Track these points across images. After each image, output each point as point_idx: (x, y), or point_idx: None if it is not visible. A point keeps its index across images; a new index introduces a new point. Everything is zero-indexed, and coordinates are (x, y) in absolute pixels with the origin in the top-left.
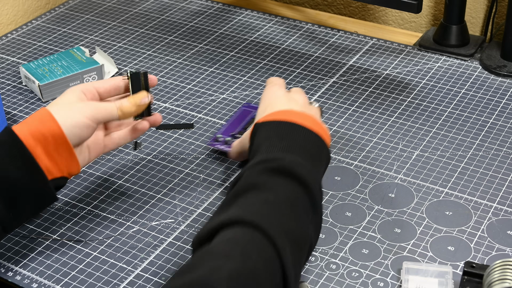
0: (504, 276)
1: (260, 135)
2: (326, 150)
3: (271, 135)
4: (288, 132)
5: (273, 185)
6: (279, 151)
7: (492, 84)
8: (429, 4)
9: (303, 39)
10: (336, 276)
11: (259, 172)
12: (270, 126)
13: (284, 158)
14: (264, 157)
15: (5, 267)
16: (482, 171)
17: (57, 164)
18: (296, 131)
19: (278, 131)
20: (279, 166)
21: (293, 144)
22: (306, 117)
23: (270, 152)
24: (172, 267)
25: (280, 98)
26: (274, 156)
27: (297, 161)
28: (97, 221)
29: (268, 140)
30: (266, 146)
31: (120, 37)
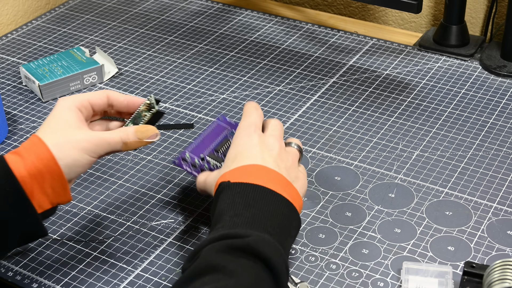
0: (504, 276)
1: (224, 199)
2: (297, 217)
3: (237, 201)
4: (255, 199)
5: (235, 268)
6: (244, 224)
7: (492, 84)
8: (429, 4)
9: (303, 39)
10: (336, 276)
11: (220, 250)
12: (237, 190)
13: (249, 234)
14: (227, 232)
15: (5, 267)
16: (482, 171)
17: (49, 198)
18: (264, 198)
19: (245, 197)
20: (243, 244)
21: (260, 214)
22: (277, 178)
23: (234, 224)
24: (172, 267)
25: (253, 147)
26: (238, 232)
27: (263, 238)
28: (97, 221)
29: (233, 208)
30: (230, 216)
31: (120, 37)
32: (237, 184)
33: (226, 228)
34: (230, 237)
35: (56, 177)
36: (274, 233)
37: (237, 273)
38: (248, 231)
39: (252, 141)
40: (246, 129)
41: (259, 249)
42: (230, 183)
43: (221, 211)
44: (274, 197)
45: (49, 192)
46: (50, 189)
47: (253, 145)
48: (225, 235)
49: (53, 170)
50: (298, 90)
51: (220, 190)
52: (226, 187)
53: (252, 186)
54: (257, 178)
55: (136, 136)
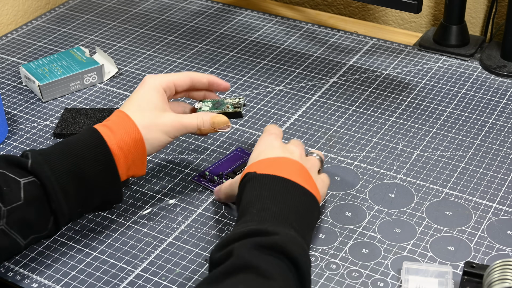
0: (504, 276)
1: (251, 190)
2: (318, 208)
3: (264, 194)
4: (281, 192)
5: (267, 268)
6: (271, 219)
7: (492, 84)
8: (429, 4)
9: (303, 39)
10: (336, 276)
11: (251, 248)
12: (263, 182)
13: (278, 232)
14: (257, 228)
15: (5, 267)
16: (482, 171)
17: (129, 170)
18: (290, 191)
19: (271, 190)
20: (272, 243)
21: (286, 209)
22: (300, 171)
23: (262, 219)
24: (172, 267)
25: (275, 148)
26: (267, 229)
27: (291, 236)
28: (97, 221)
29: (260, 201)
30: (258, 210)
31: (120, 37)
32: (263, 176)
33: (254, 223)
34: (260, 234)
35: (141, 153)
36: (298, 228)
37: (270, 274)
38: (276, 228)
39: (274, 144)
40: (267, 136)
41: (287, 248)
42: (256, 174)
43: (248, 202)
44: (299, 191)
45: (131, 165)
46: (132, 162)
47: (276, 146)
48: (255, 231)
49: (139, 147)
50: (298, 90)
51: (247, 180)
52: (253, 178)
53: (278, 179)
54: (282, 169)
55: (211, 125)
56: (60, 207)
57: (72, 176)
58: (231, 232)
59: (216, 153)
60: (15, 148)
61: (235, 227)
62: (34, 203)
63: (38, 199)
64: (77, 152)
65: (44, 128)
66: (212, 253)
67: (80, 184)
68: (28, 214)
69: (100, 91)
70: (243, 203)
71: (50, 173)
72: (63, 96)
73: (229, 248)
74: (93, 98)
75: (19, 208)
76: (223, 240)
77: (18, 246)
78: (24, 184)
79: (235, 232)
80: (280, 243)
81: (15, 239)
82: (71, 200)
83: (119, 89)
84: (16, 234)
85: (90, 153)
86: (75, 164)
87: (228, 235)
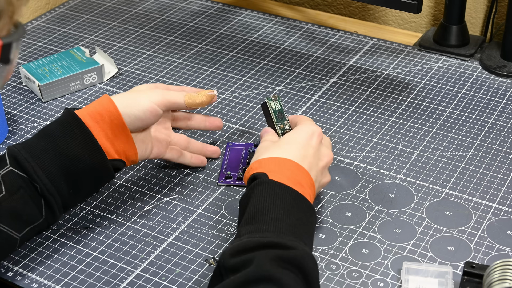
0: (504, 276)
1: (263, 196)
2: (315, 219)
3: (277, 203)
4: (292, 205)
5: (288, 283)
6: (287, 231)
7: (492, 84)
8: (429, 4)
9: (303, 39)
10: (336, 276)
11: (272, 259)
12: (275, 191)
13: (295, 247)
14: (276, 241)
15: (5, 267)
16: (482, 171)
17: (113, 145)
18: (299, 204)
19: (284, 201)
20: (291, 257)
21: (297, 223)
22: (309, 184)
23: (279, 230)
24: (172, 267)
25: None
26: (286, 243)
27: (306, 253)
28: (97, 221)
29: (274, 210)
30: (273, 219)
31: (120, 37)
32: (275, 184)
33: (271, 233)
34: (279, 246)
35: (116, 120)
36: (307, 241)
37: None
38: (294, 243)
39: (310, 144)
40: (311, 133)
41: (304, 264)
42: (268, 180)
43: (260, 209)
44: (305, 205)
45: (112, 137)
46: (112, 134)
47: (308, 146)
48: (275, 244)
49: (111, 112)
50: (298, 90)
51: (258, 183)
52: (264, 183)
53: (289, 191)
54: (293, 179)
55: (185, 101)
56: (45, 186)
57: (50, 153)
58: (247, 238)
59: None
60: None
61: (245, 230)
62: (18, 192)
63: (21, 187)
64: (52, 131)
65: None
66: (225, 257)
67: (61, 160)
68: (14, 203)
69: (100, 91)
70: (254, 208)
71: (28, 155)
72: (63, 96)
73: (248, 256)
74: (93, 98)
75: (2, 200)
76: (238, 246)
77: (13, 240)
78: (2, 176)
79: (251, 240)
80: (298, 258)
81: (7, 233)
82: (55, 178)
83: (119, 89)
84: (6, 227)
85: (63, 128)
86: (51, 142)
87: (244, 242)
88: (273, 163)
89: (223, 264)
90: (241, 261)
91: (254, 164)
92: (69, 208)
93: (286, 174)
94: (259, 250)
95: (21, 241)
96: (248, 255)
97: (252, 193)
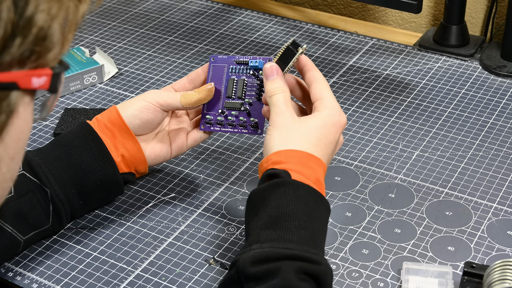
0: (504, 276)
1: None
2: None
3: (300, 208)
4: (315, 209)
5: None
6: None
7: (492, 84)
8: (429, 4)
9: (303, 39)
10: (336, 276)
11: (297, 272)
12: (299, 193)
13: (319, 261)
14: (301, 254)
15: (5, 267)
16: (482, 171)
17: (122, 156)
18: (320, 208)
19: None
20: (314, 272)
21: (318, 229)
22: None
23: (302, 240)
24: (172, 267)
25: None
26: (311, 257)
27: (329, 268)
28: (97, 221)
29: (297, 216)
30: (296, 227)
31: (120, 37)
32: (298, 185)
33: (295, 244)
34: (304, 260)
35: (122, 129)
36: (323, 246)
37: None
38: (318, 257)
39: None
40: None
41: (326, 280)
42: (292, 181)
43: (284, 213)
44: (325, 206)
45: (120, 147)
46: (121, 145)
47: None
48: (300, 257)
49: (117, 122)
50: None
51: (280, 184)
52: (288, 185)
53: (311, 192)
54: (312, 175)
55: (181, 100)
56: (55, 192)
57: (63, 162)
58: (269, 247)
59: (216, 153)
60: None
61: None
62: (26, 194)
63: (31, 190)
64: (66, 141)
65: (44, 128)
66: (245, 264)
67: (73, 169)
68: (21, 205)
69: (100, 91)
70: (276, 212)
71: (41, 161)
72: (63, 96)
73: (271, 266)
74: (93, 98)
75: (10, 201)
76: (260, 255)
77: (17, 242)
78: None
79: (275, 250)
80: (322, 274)
81: (11, 233)
82: (67, 186)
83: (119, 89)
84: (10, 227)
85: (78, 139)
86: (65, 152)
87: (267, 252)
88: (295, 158)
89: (243, 271)
90: (264, 270)
91: (274, 156)
92: (75, 218)
93: (308, 172)
94: (283, 261)
95: (24, 244)
96: (271, 265)
97: (273, 192)
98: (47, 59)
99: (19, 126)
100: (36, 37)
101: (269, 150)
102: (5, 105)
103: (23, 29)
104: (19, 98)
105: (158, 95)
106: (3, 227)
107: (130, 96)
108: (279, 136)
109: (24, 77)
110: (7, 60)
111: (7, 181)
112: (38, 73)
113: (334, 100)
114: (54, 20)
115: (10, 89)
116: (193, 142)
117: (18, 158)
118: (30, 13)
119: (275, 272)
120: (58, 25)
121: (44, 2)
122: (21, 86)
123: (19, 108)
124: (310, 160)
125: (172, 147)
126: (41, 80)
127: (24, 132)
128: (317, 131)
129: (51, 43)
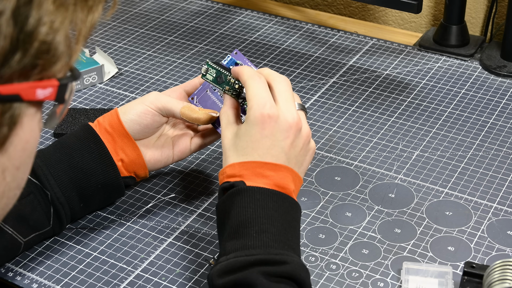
0: (504, 276)
1: (243, 207)
2: (300, 213)
3: (259, 213)
4: (275, 208)
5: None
6: (274, 243)
7: (492, 84)
8: (429, 4)
9: (303, 39)
10: (336, 276)
11: (265, 275)
12: (255, 197)
13: (285, 260)
14: (263, 258)
15: (5, 267)
16: (482, 171)
17: (123, 163)
18: (282, 206)
19: (265, 207)
20: (283, 272)
21: (282, 228)
22: (291, 174)
23: (265, 244)
24: (172, 267)
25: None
26: (274, 258)
27: (298, 263)
28: (97, 221)
29: (256, 221)
30: (257, 232)
31: (120, 37)
32: (254, 190)
33: (258, 249)
34: (268, 263)
35: (122, 134)
36: (294, 244)
37: None
38: (282, 256)
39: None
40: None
41: (297, 276)
42: (247, 188)
43: (243, 221)
44: (288, 203)
45: (120, 152)
46: (121, 150)
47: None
48: (262, 261)
49: (117, 127)
50: (298, 90)
51: (236, 192)
52: (243, 192)
53: (269, 193)
54: (269, 177)
55: (181, 109)
56: (56, 195)
57: (64, 164)
58: (233, 257)
59: (216, 153)
60: None
61: (230, 246)
62: (27, 196)
63: (32, 192)
64: (68, 143)
65: (44, 128)
66: (213, 278)
67: (74, 172)
68: (22, 207)
69: (100, 91)
70: (236, 221)
71: (42, 163)
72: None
73: (237, 276)
74: (93, 98)
75: None
76: (226, 266)
77: (17, 243)
78: None
79: (238, 259)
80: (290, 271)
81: (12, 235)
82: (67, 188)
83: (119, 89)
84: (11, 229)
85: (80, 142)
86: (67, 154)
87: (232, 262)
88: (248, 166)
89: (212, 285)
90: (230, 281)
91: (228, 169)
92: (75, 221)
93: (264, 175)
94: (247, 269)
95: (25, 246)
96: (238, 275)
97: (231, 203)
98: (53, 71)
99: (24, 136)
100: (38, 50)
101: (224, 162)
102: (7, 117)
103: (23, 43)
104: (23, 109)
105: (158, 99)
106: (4, 229)
107: (130, 96)
108: (229, 148)
109: (28, 89)
110: (8, 73)
111: (13, 190)
112: (43, 85)
113: (255, 97)
114: (57, 33)
115: (12, 101)
116: (196, 147)
117: (24, 167)
118: (31, 27)
119: (242, 281)
120: (63, 38)
121: (46, 15)
122: (24, 98)
123: (23, 120)
124: (266, 166)
125: (174, 151)
126: (46, 92)
127: (30, 142)
128: (251, 136)
129: (55, 56)
